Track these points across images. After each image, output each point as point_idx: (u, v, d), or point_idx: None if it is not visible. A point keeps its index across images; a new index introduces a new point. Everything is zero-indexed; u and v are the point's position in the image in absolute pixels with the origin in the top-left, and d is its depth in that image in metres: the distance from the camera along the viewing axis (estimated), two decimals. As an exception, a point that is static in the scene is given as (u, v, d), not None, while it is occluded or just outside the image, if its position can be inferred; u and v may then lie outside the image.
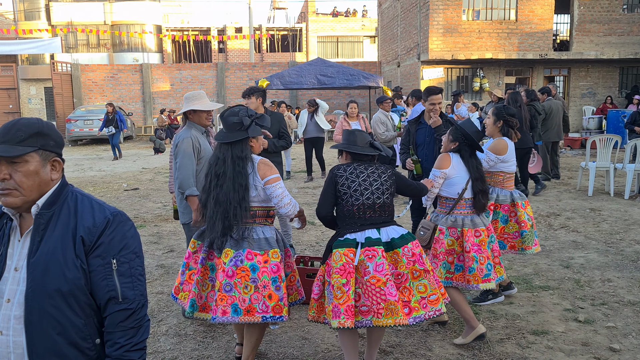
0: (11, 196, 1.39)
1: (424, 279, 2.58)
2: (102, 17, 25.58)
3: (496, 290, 3.79)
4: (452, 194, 3.20)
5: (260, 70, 21.26)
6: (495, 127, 3.71)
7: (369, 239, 2.58)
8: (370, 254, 2.53)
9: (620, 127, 12.08)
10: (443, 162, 3.22)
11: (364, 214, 2.65)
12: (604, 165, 7.51)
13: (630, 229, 5.66)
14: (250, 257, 2.58)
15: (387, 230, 2.65)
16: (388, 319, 2.46)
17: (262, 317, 2.55)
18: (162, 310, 3.76)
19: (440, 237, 3.19)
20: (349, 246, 2.58)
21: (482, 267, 3.09)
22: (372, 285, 2.48)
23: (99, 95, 20.90)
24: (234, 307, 2.55)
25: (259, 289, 2.55)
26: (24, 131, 1.40)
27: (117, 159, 13.00)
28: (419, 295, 2.57)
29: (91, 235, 1.43)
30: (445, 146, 3.31)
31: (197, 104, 3.44)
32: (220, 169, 2.66)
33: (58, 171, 1.48)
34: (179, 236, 5.73)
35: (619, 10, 15.46)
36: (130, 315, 1.44)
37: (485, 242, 3.17)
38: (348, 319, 2.46)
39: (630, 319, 3.48)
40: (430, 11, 14.82)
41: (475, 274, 3.07)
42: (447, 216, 3.19)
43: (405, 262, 2.57)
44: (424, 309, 2.56)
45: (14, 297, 1.39)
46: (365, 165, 2.73)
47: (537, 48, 15.18)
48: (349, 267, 2.53)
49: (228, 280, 2.55)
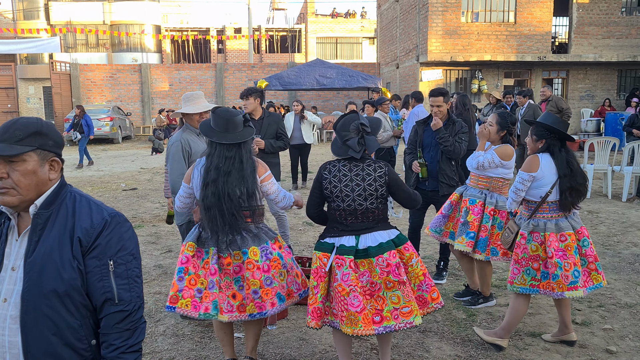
0: (8, 195, 1.39)
1: (397, 290, 2.54)
2: (101, 17, 25.57)
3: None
4: (535, 197, 3.00)
5: (259, 71, 21.28)
6: (497, 136, 3.59)
7: (343, 246, 2.58)
8: (340, 262, 2.55)
9: (618, 130, 12.12)
10: (532, 164, 2.97)
11: (344, 219, 2.63)
12: (601, 168, 7.52)
13: (628, 232, 5.68)
14: (275, 247, 2.73)
15: (367, 238, 2.60)
16: (348, 328, 2.49)
17: (299, 295, 2.77)
18: (159, 311, 3.75)
19: (521, 242, 3.00)
20: (325, 250, 2.62)
21: (568, 273, 2.89)
22: (338, 293, 2.54)
23: (98, 95, 20.88)
24: (278, 296, 2.68)
25: (290, 272, 2.76)
26: (23, 130, 1.40)
27: (81, 167, 11.73)
28: (392, 305, 2.55)
29: (88, 236, 1.43)
30: (532, 148, 3.07)
31: (189, 107, 3.42)
32: (229, 167, 2.60)
33: (57, 171, 1.47)
34: (177, 236, 5.72)
35: (617, 13, 15.52)
36: (126, 317, 1.44)
37: (572, 248, 2.94)
38: (313, 320, 2.58)
39: (627, 321, 3.49)
40: (430, 13, 14.85)
41: (560, 281, 2.88)
42: (530, 220, 3.01)
43: (378, 272, 2.54)
44: (395, 319, 2.54)
45: (11, 296, 1.39)
46: (352, 164, 2.62)
47: (536, 50, 15.22)
48: (321, 271, 2.59)
49: (266, 275, 2.65)
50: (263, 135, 4.55)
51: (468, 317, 3.60)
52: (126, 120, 18.82)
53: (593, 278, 3.02)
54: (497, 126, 3.56)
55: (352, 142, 2.58)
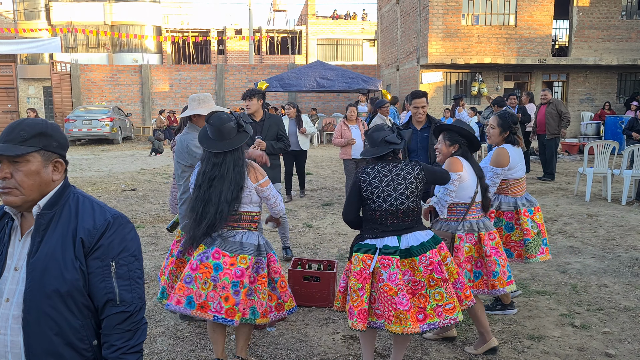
0: (11, 195, 1.40)
1: (441, 288, 2.59)
2: (101, 18, 25.59)
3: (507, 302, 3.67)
4: (463, 199, 3.03)
5: (260, 72, 21.29)
6: (500, 137, 3.54)
7: (387, 247, 2.60)
8: (385, 263, 2.56)
9: (618, 133, 12.14)
10: (455, 165, 3.00)
11: (385, 220, 2.64)
12: (601, 171, 7.53)
13: (627, 235, 5.68)
14: (217, 256, 2.66)
15: (408, 238, 2.63)
16: (397, 327, 2.51)
17: (214, 317, 2.61)
18: (159, 312, 3.75)
19: (460, 245, 3.03)
20: (367, 252, 2.63)
21: (504, 269, 3.03)
22: (385, 293, 2.54)
23: (98, 95, 20.89)
24: (189, 299, 2.63)
25: (217, 289, 2.61)
26: (27, 131, 1.41)
27: None
28: (435, 303, 2.59)
29: (91, 237, 1.43)
30: (445, 152, 3.12)
31: (203, 108, 3.41)
32: (215, 173, 2.69)
33: (60, 172, 1.48)
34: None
35: (617, 17, 15.56)
36: (127, 318, 1.45)
37: (500, 245, 3.11)
38: (360, 322, 2.56)
39: (626, 325, 3.49)
40: (430, 15, 14.88)
41: (500, 278, 2.99)
42: (463, 222, 3.05)
43: (422, 271, 2.58)
44: (439, 316, 2.58)
45: (13, 296, 1.40)
46: (390, 165, 2.67)
47: (536, 53, 15.25)
48: (365, 273, 2.59)
49: (190, 272, 2.65)
50: (264, 136, 4.55)
51: (467, 319, 3.60)
52: (126, 121, 18.82)
53: None
54: (499, 128, 3.52)
55: (391, 137, 2.69)
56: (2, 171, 1.40)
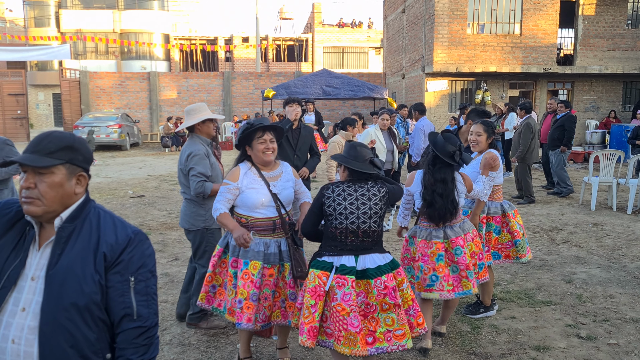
0: (33, 205, 1.42)
1: (393, 313, 2.57)
2: (110, 25, 25.91)
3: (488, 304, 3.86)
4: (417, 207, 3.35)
5: (267, 80, 21.43)
6: (487, 143, 3.72)
7: (344, 266, 2.58)
8: (341, 282, 2.55)
9: (623, 142, 12.10)
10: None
11: (345, 238, 2.63)
12: (606, 180, 7.52)
13: (633, 245, 5.67)
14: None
15: (365, 259, 2.62)
16: (345, 348, 2.50)
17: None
18: (165, 319, 3.79)
19: (404, 244, 3.40)
20: (324, 269, 2.61)
21: (426, 277, 3.18)
22: (337, 313, 2.52)
23: (107, 102, 21.10)
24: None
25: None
26: (55, 144, 1.44)
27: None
28: (385, 327, 2.57)
29: (113, 252, 1.46)
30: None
31: (197, 117, 3.43)
32: None
33: (82, 186, 1.51)
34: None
35: (622, 26, 15.56)
36: (143, 333, 1.47)
37: (435, 255, 3.17)
38: (309, 339, 2.54)
39: (632, 337, 3.49)
40: (436, 24, 14.95)
41: (419, 282, 3.21)
42: (415, 226, 3.39)
43: (375, 294, 2.56)
44: (388, 341, 2.56)
45: (30, 306, 1.41)
46: (357, 185, 2.67)
47: (541, 62, 15.26)
48: (320, 290, 2.58)
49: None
50: (300, 147, 4.48)
51: (473, 329, 3.62)
52: (134, 128, 18.97)
53: (463, 285, 3.20)
54: (486, 134, 3.71)
55: (377, 160, 2.74)
56: (26, 181, 1.42)
